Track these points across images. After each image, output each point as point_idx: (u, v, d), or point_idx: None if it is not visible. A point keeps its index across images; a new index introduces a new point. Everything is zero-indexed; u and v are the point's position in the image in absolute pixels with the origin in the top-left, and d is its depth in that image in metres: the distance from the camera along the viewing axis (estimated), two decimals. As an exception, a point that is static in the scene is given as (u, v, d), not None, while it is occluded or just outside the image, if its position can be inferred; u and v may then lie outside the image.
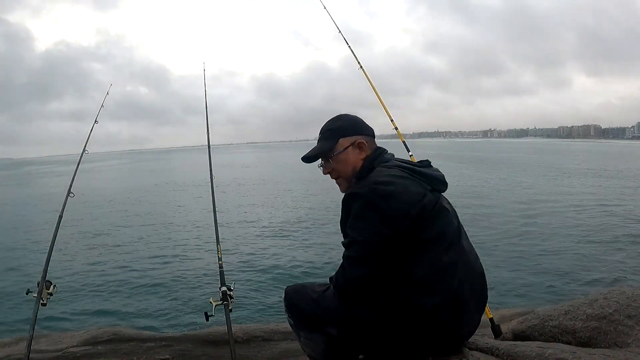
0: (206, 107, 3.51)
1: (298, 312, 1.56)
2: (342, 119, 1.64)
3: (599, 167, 36.00)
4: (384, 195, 1.35)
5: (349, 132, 1.59)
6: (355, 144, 1.56)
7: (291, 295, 1.61)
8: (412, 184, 1.40)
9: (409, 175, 1.43)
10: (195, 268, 9.14)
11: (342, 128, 1.60)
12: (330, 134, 1.61)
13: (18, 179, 50.94)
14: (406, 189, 1.37)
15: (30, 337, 1.98)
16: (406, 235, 1.35)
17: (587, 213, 14.26)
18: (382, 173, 1.43)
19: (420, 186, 1.42)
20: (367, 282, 1.37)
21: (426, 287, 1.35)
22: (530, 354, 1.72)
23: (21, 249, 11.80)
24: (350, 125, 1.61)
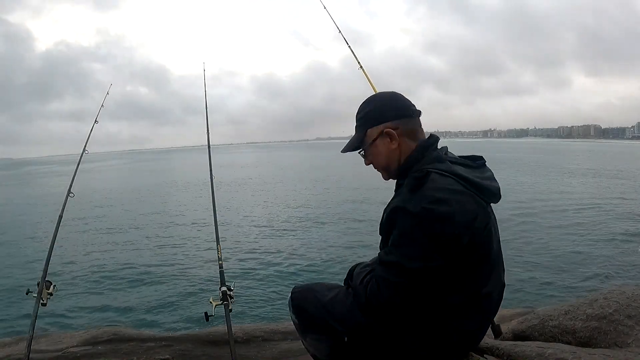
0: (206, 107, 3.51)
1: (305, 315, 1.51)
2: (371, 103, 1.41)
3: (599, 166, 36.01)
4: (440, 218, 1.16)
5: (377, 120, 1.37)
6: (383, 134, 1.35)
7: (299, 296, 1.55)
8: (468, 201, 1.21)
9: (464, 188, 1.23)
10: (195, 268, 9.14)
11: (370, 115, 1.39)
12: (359, 123, 1.42)
13: (18, 179, 50.94)
14: (461, 209, 1.18)
15: (30, 337, 1.98)
16: (453, 262, 1.19)
17: (587, 213, 14.27)
18: (438, 185, 1.20)
19: (474, 203, 1.23)
20: (398, 308, 1.25)
21: (463, 315, 1.26)
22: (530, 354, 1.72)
23: (21, 249, 11.80)
24: (378, 109, 1.38)
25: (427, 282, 1.20)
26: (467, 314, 1.27)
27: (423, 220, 1.16)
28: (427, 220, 1.16)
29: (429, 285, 1.21)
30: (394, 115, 1.36)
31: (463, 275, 1.23)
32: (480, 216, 1.23)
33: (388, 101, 1.40)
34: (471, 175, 1.27)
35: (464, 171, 1.27)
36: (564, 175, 28.93)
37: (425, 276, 1.19)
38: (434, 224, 1.16)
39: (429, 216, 1.16)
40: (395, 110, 1.37)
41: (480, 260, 1.25)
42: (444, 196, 1.18)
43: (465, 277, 1.24)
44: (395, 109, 1.37)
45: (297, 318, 1.55)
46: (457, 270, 1.22)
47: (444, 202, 1.17)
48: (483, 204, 1.26)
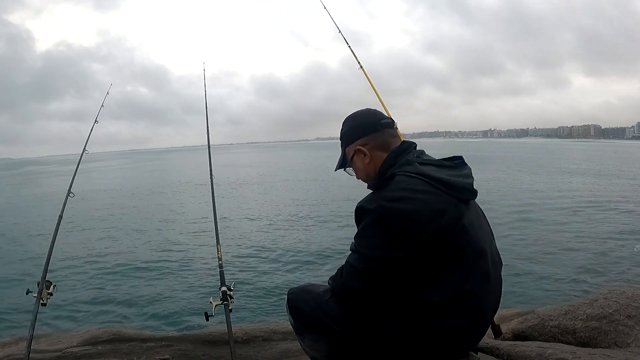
0: (206, 107, 3.51)
1: (302, 316, 1.53)
2: (344, 125, 1.56)
3: (599, 166, 36.03)
4: (392, 214, 1.24)
5: (350, 139, 1.52)
6: (357, 152, 1.49)
7: (294, 298, 1.57)
8: (431, 200, 1.26)
9: (430, 187, 1.28)
10: (195, 268, 9.13)
11: (344, 136, 1.55)
12: (341, 143, 1.57)
13: (18, 179, 50.94)
14: (421, 206, 1.24)
15: (30, 337, 1.98)
16: (420, 257, 1.25)
17: (587, 212, 14.26)
18: (399, 185, 1.29)
19: (442, 201, 1.27)
20: (363, 295, 1.34)
21: (447, 313, 1.28)
22: (530, 354, 1.72)
23: (21, 249, 11.79)
24: (349, 130, 1.53)
25: (390, 272, 1.27)
26: (451, 312, 1.28)
27: (378, 216, 1.27)
28: (382, 216, 1.26)
29: (394, 276, 1.27)
30: (363, 132, 1.49)
31: (436, 272, 1.27)
32: (450, 213, 1.27)
33: (358, 120, 1.54)
34: (442, 174, 1.33)
35: (434, 171, 1.33)
36: (563, 174, 28.95)
37: (387, 266, 1.26)
38: (388, 220, 1.25)
39: (383, 212, 1.26)
40: (363, 127, 1.50)
41: (455, 257, 1.28)
42: (402, 195, 1.26)
43: (440, 274, 1.27)
44: (363, 126, 1.50)
45: (294, 319, 1.57)
46: (427, 266, 1.26)
47: (401, 200, 1.25)
48: (454, 201, 1.30)
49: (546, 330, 2.31)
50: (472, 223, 1.34)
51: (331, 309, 1.43)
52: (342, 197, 19.27)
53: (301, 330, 1.56)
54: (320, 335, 1.48)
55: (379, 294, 1.32)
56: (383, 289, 1.30)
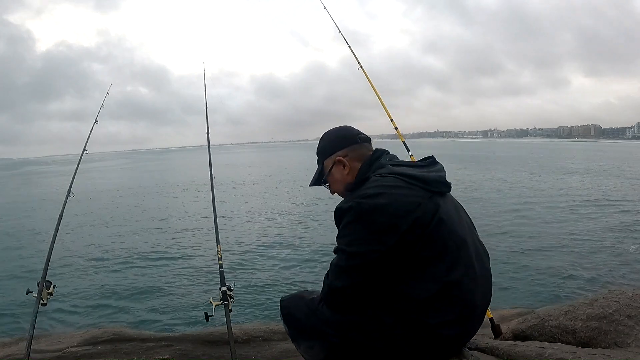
0: (206, 107, 3.51)
1: (296, 323, 1.54)
2: (322, 140, 1.62)
3: (600, 166, 36.05)
4: (368, 209, 1.28)
5: (329, 152, 1.57)
6: (336, 162, 1.54)
7: (288, 307, 1.58)
8: (405, 194, 1.31)
9: (404, 183, 1.33)
10: (195, 268, 9.13)
11: (323, 149, 1.59)
12: (318, 159, 1.62)
13: (18, 179, 50.94)
14: (395, 200, 1.28)
15: (30, 337, 1.98)
16: (400, 251, 1.27)
17: (587, 212, 14.27)
18: (373, 184, 1.35)
19: (416, 195, 1.31)
20: (351, 292, 1.35)
21: (436, 307, 1.29)
22: (530, 354, 1.72)
23: (21, 249, 11.80)
24: (328, 144, 1.59)
25: (371, 265, 1.29)
26: (440, 305, 1.29)
27: (355, 212, 1.30)
28: (358, 212, 1.30)
29: (376, 270, 1.30)
30: (342, 144, 1.55)
31: (419, 266, 1.29)
32: (425, 206, 1.30)
33: (337, 134, 1.60)
34: (414, 171, 1.39)
35: (405, 170, 1.39)
36: (564, 174, 28.95)
37: (367, 260, 1.29)
38: (365, 215, 1.29)
39: (359, 208, 1.30)
40: (343, 140, 1.56)
41: (436, 249, 1.30)
42: (375, 191, 1.31)
43: (423, 268, 1.29)
44: (343, 139, 1.57)
45: (288, 327, 1.57)
46: (409, 261, 1.28)
47: (375, 195, 1.30)
48: (428, 194, 1.34)
49: (546, 330, 2.31)
50: (450, 214, 1.37)
51: (323, 314, 1.43)
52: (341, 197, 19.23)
53: (296, 337, 1.57)
54: (315, 341, 1.48)
55: (366, 292, 1.33)
56: (369, 286, 1.32)
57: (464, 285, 1.32)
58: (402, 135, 3.29)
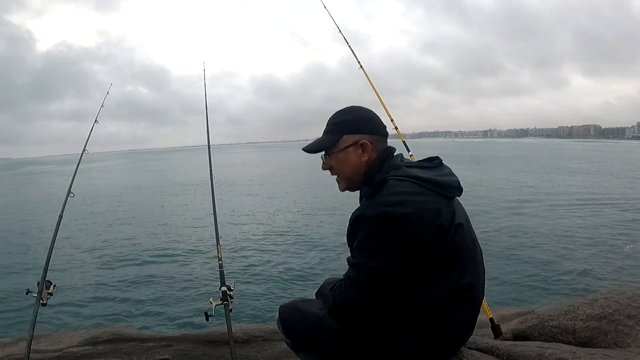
0: (206, 107, 3.51)
1: (297, 335, 1.50)
2: (349, 113, 1.46)
3: (600, 166, 36.05)
4: (396, 219, 1.23)
5: (354, 129, 1.42)
6: (357, 144, 1.41)
7: (287, 317, 1.54)
8: (427, 200, 1.27)
9: (423, 189, 1.29)
10: (195, 268, 9.14)
11: (347, 123, 1.44)
12: (335, 128, 1.46)
13: (18, 179, 50.94)
14: (420, 208, 1.25)
15: (30, 337, 1.98)
16: (420, 259, 1.26)
17: (587, 212, 14.26)
18: (394, 189, 1.28)
19: (436, 201, 1.29)
20: (368, 306, 1.32)
21: (450, 308, 1.31)
22: (530, 354, 1.72)
23: (21, 249, 11.80)
24: (356, 121, 1.44)
25: (393, 279, 1.27)
26: (454, 306, 1.31)
27: (380, 223, 1.24)
28: (384, 223, 1.24)
29: (396, 282, 1.28)
30: (372, 130, 1.45)
31: (437, 270, 1.29)
32: (444, 212, 1.29)
33: (368, 116, 1.48)
34: (428, 174, 1.34)
35: (420, 172, 1.34)
36: (563, 174, 28.95)
37: (389, 273, 1.26)
38: (390, 226, 1.23)
39: (385, 219, 1.24)
40: (374, 126, 1.46)
41: (454, 253, 1.30)
42: (400, 199, 1.25)
43: (441, 272, 1.29)
44: (374, 125, 1.46)
45: (289, 338, 1.54)
46: (428, 266, 1.28)
47: (400, 204, 1.24)
48: (445, 200, 1.33)
49: (546, 330, 2.31)
50: (464, 218, 1.38)
51: (327, 325, 1.41)
52: (342, 197, 19.25)
53: (298, 348, 1.54)
54: (317, 352, 1.46)
55: (382, 302, 1.31)
56: (386, 296, 1.30)
57: (474, 287, 1.35)
58: (402, 135, 3.29)
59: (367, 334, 1.35)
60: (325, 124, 1.50)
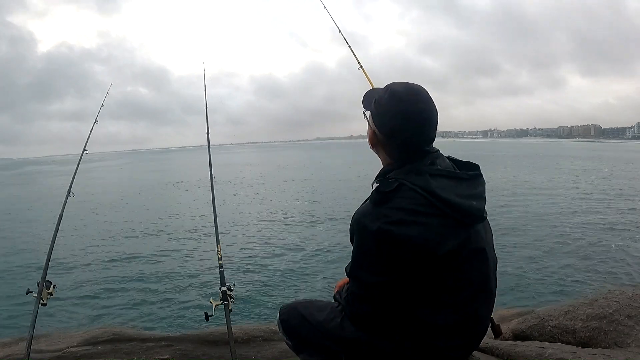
0: (206, 107, 3.50)
1: (298, 337, 1.50)
2: (387, 102, 1.31)
3: (601, 166, 36.04)
4: (396, 241, 1.15)
5: (376, 118, 1.33)
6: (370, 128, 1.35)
7: (288, 319, 1.53)
8: (434, 224, 1.17)
9: (436, 210, 1.17)
10: (195, 268, 9.14)
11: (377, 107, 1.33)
12: (366, 99, 1.38)
13: (18, 179, 50.93)
14: (427, 231, 1.16)
15: (30, 337, 1.98)
16: (425, 279, 1.20)
17: (587, 212, 14.27)
18: (403, 204, 1.17)
19: (449, 225, 1.18)
20: (372, 317, 1.29)
21: (449, 334, 1.26)
22: (530, 354, 1.72)
23: (21, 249, 11.80)
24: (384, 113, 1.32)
25: (392, 294, 1.22)
26: (455, 332, 1.26)
27: (380, 240, 1.17)
28: (384, 241, 1.16)
29: (397, 298, 1.23)
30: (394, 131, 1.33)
31: (444, 295, 1.22)
32: (452, 238, 1.18)
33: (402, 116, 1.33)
34: (452, 192, 1.20)
35: (443, 187, 1.20)
36: (563, 174, 28.94)
37: (388, 289, 1.22)
38: (389, 246, 1.16)
39: (385, 237, 1.16)
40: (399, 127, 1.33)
41: (461, 281, 1.23)
42: (405, 217, 1.16)
43: (446, 296, 1.22)
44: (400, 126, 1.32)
45: (290, 340, 1.54)
46: (432, 291, 1.22)
47: (404, 223, 1.15)
48: (457, 224, 1.20)
49: (546, 330, 2.31)
50: (480, 245, 1.26)
51: (329, 329, 1.40)
52: (342, 196, 19.27)
53: (298, 350, 1.53)
54: (317, 355, 1.46)
55: (388, 311, 1.28)
56: (390, 309, 1.27)
57: (480, 315, 1.31)
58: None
59: (369, 339, 1.33)
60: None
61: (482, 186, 1.31)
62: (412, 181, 1.20)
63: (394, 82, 1.32)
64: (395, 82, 1.32)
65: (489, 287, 1.30)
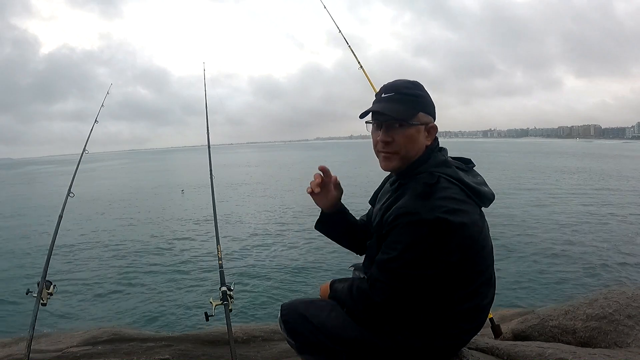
0: (206, 107, 3.50)
1: (300, 337, 1.48)
2: (424, 90, 1.36)
3: (601, 166, 36.03)
4: (453, 229, 1.18)
5: (430, 110, 1.34)
6: (428, 127, 1.33)
7: (290, 319, 1.50)
8: (473, 211, 1.26)
9: (466, 196, 1.25)
10: (195, 268, 9.14)
11: (424, 102, 1.34)
12: (412, 100, 1.32)
13: (18, 179, 50.93)
14: (471, 219, 1.23)
15: (30, 337, 1.98)
16: (456, 268, 1.23)
17: (587, 212, 14.26)
18: (449, 193, 1.22)
19: (476, 211, 1.28)
20: (389, 309, 1.28)
21: (463, 318, 1.30)
22: (530, 354, 1.72)
23: (21, 249, 11.79)
24: (431, 102, 1.36)
25: (425, 287, 1.24)
26: (468, 317, 1.31)
27: (436, 230, 1.17)
28: (439, 230, 1.17)
29: (427, 291, 1.25)
30: (434, 114, 1.38)
31: (466, 282, 1.27)
32: (480, 223, 1.28)
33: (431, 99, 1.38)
34: (471, 181, 1.30)
35: (465, 177, 1.29)
36: (564, 174, 28.94)
37: (424, 282, 1.23)
38: (445, 234, 1.18)
39: (441, 226, 1.17)
40: (434, 110, 1.38)
41: (484, 265, 1.31)
42: (456, 206, 1.20)
43: (469, 283, 1.28)
44: (434, 109, 1.38)
45: (292, 339, 1.52)
46: (459, 277, 1.26)
47: (456, 212, 1.19)
48: (480, 211, 1.31)
49: (546, 330, 2.31)
50: (488, 230, 1.35)
51: (331, 329, 1.40)
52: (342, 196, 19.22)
53: (300, 350, 1.52)
54: (319, 355, 1.45)
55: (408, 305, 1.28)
56: (414, 300, 1.27)
57: (489, 298, 1.36)
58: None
59: (371, 339, 1.33)
60: (391, 91, 1.33)
61: (481, 177, 1.41)
62: (445, 173, 1.27)
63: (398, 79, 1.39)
64: (400, 79, 1.38)
65: (493, 270, 1.39)
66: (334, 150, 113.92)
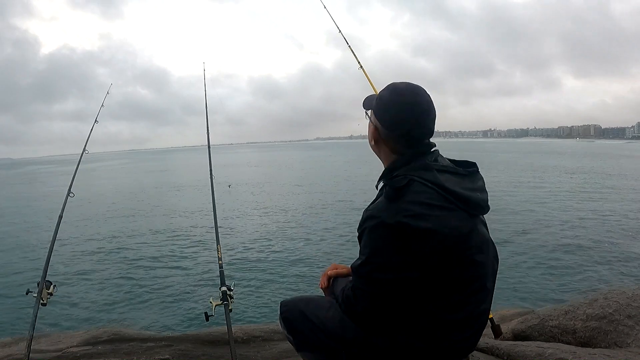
0: (206, 107, 3.50)
1: (300, 335, 1.49)
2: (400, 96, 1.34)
3: (601, 166, 36.03)
4: (414, 234, 1.15)
5: (379, 113, 1.37)
6: (374, 126, 1.36)
7: (289, 317, 1.51)
8: (451, 217, 1.19)
9: (448, 203, 1.20)
10: (195, 268, 9.14)
11: (379, 102, 1.37)
12: (368, 100, 1.42)
13: (18, 179, 50.93)
14: (441, 225, 1.17)
15: (30, 337, 1.98)
16: (437, 276, 1.20)
17: (587, 212, 14.26)
18: (418, 198, 1.18)
19: (458, 217, 1.21)
20: (373, 315, 1.28)
21: (463, 329, 1.28)
22: (530, 354, 1.72)
23: (21, 249, 11.80)
24: (388, 108, 1.34)
25: (404, 292, 1.21)
26: (464, 325, 1.28)
27: (398, 234, 1.15)
28: (402, 235, 1.15)
29: (409, 295, 1.22)
30: (385, 121, 1.38)
31: (456, 290, 1.23)
32: (465, 230, 1.21)
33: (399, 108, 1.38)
34: (458, 186, 1.24)
35: (450, 182, 1.23)
36: (564, 174, 28.94)
37: (400, 286, 1.20)
38: (408, 239, 1.15)
39: (404, 231, 1.15)
40: (387, 117, 1.38)
41: (474, 274, 1.25)
42: (421, 211, 1.16)
43: (460, 292, 1.24)
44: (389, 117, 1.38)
45: (292, 336, 1.53)
46: (446, 285, 1.22)
47: (421, 217, 1.15)
48: (467, 217, 1.23)
49: (546, 330, 2.31)
50: (485, 238, 1.30)
51: (330, 327, 1.40)
52: (342, 196, 19.26)
53: (300, 347, 1.53)
54: (319, 353, 1.45)
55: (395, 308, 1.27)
56: (398, 307, 1.26)
57: (486, 306, 1.34)
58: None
59: (370, 339, 1.32)
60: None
61: (482, 181, 1.35)
62: (421, 176, 1.22)
63: (395, 82, 1.36)
64: (396, 82, 1.36)
65: (493, 278, 1.34)
66: (334, 150, 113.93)
